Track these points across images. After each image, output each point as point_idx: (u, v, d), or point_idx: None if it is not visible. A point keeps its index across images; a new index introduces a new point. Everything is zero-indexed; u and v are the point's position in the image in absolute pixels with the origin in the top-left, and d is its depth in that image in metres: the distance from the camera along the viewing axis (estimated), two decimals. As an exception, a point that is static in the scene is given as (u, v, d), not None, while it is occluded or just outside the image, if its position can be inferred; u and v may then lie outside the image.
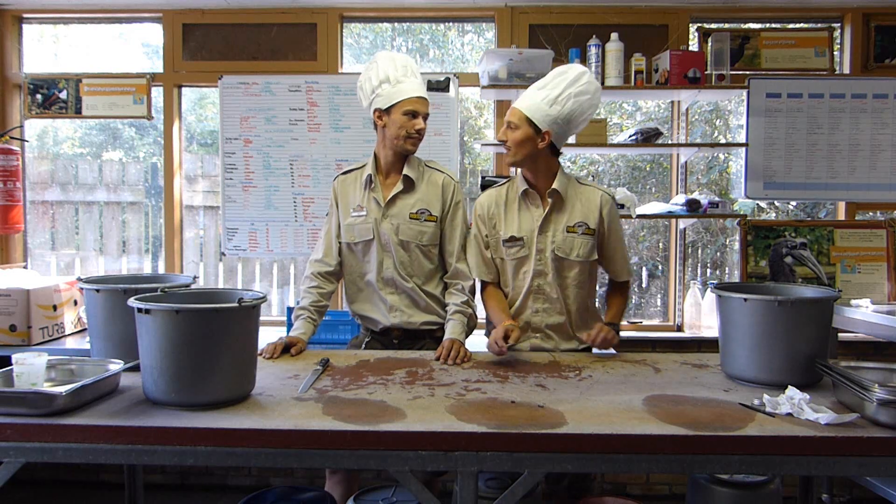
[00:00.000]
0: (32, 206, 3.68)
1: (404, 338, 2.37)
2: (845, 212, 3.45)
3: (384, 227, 2.29)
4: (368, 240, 2.31)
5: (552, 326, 2.28)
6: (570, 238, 2.22)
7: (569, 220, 2.23)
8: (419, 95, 2.23)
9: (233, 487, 3.39)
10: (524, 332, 2.27)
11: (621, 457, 1.44)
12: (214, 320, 1.56)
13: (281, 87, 3.37)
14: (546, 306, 2.27)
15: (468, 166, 4.20)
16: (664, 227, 3.75)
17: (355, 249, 2.35)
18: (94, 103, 3.45)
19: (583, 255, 2.23)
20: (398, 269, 2.30)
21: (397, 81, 2.20)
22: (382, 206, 2.30)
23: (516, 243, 2.25)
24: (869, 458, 1.43)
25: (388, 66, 2.21)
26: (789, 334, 1.77)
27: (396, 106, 2.21)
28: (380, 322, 2.35)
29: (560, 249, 2.22)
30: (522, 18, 3.38)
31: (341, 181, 2.41)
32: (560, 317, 2.27)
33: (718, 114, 4.63)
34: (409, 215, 2.29)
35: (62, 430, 1.45)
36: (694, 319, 3.33)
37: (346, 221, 2.34)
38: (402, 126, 2.21)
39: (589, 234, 2.23)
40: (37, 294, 2.77)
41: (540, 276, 2.25)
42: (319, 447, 1.45)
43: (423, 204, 2.30)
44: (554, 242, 2.22)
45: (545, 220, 2.23)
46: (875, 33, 3.38)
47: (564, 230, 2.22)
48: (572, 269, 2.25)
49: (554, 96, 2.13)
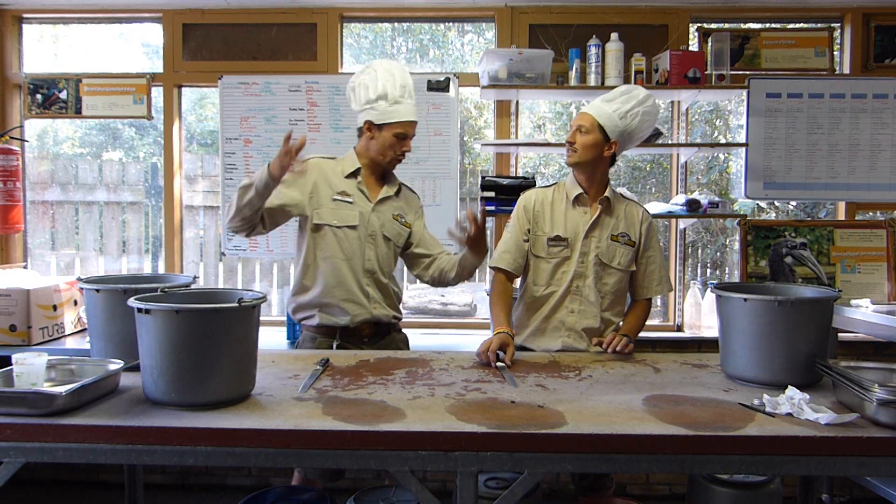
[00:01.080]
0: (32, 206, 3.68)
1: (375, 333, 2.37)
2: (845, 212, 3.45)
3: (373, 220, 2.33)
4: (353, 225, 2.31)
5: (587, 329, 2.31)
6: (614, 246, 2.30)
7: (614, 229, 2.32)
8: (412, 119, 2.29)
9: (233, 487, 3.39)
10: (557, 331, 2.32)
11: (621, 457, 1.44)
12: (214, 320, 1.56)
13: (281, 87, 3.37)
14: (583, 308, 2.30)
15: (468, 166, 4.20)
16: (664, 227, 3.75)
17: (338, 234, 2.30)
18: (94, 103, 3.45)
19: (623, 264, 2.31)
20: (379, 261, 2.35)
21: (395, 101, 2.24)
22: (373, 201, 2.34)
23: (560, 243, 2.30)
24: (869, 458, 1.43)
25: (388, 81, 2.23)
26: (789, 334, 1.77)
27: (389, 126, 2.26)
28: (351, 314, 2.30)
29: (604, 255, 2.30)
30: (522, 18, 3.38)
31: (317, 162, 2.35)
32: (595, 321, 2.30)
33: (718, 114, 4.63)
34: (392, 216, 2.39)
35: (62, 430, 1.45)
36: (694, 319, 3.33)
37: (329, 205, 2.31)
38: (392, 146, 2.28)
39: (630, 245, 2.32)
40: (37, 294, 2.77)
41: (580, 279, 2.29)
42: (319, 447, 1.44)
43: (402, 210, 2.43)
44: (598, 248, 2.29)
45: (593, 224, 2.30)
46: (875, 33, 3.38)
47: (609, 238, 2.31)
48: (611, 276, 2.31)
49: (625, 110, 2.23)
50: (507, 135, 3.42)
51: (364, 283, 2.32)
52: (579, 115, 2.29)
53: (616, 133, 2.24)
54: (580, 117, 2.27)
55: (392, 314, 2.41)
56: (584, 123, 2.24)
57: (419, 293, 4.00)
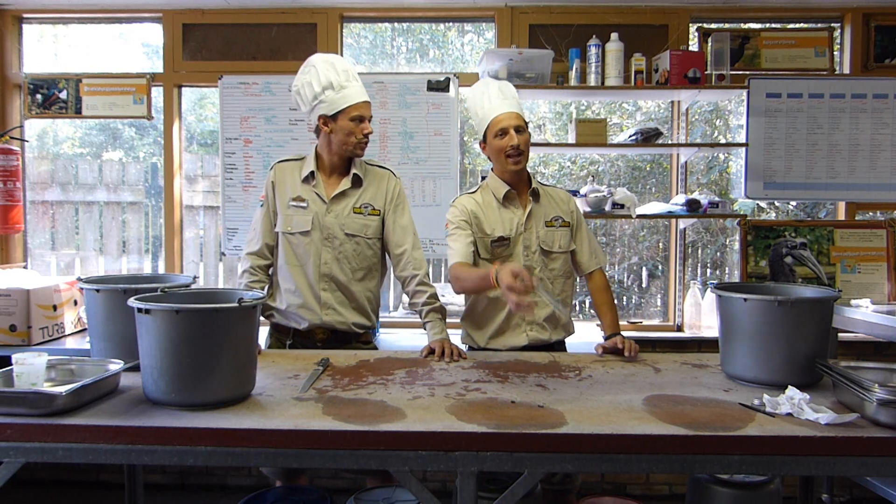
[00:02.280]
0: (32, 206, 3.68)
1: (331, 339, 2.34)
2: (845, 212, 3.45)
3: (328, 221, 2.29)
4: (306, 231, 2.29)
5: (547, 318, 2.34)
6: (551, 232, 2.36)
7: (546, 215, 2.37)
8: (364, 100, 2.24)
9: (233, 487, 3.39)
10: (518, 328, 2.33)
11: (621, 457, 1.44)
12: (214, 320, 1.56)
13: (281, 87, 3.36)
14: (539, 299, 2.31)
15: (468, 166, 4.20)
16: (664, 227, 3.75)
17: (291, 241, 2.31)
18: (94, 103, 3.45)
19: (563, 245, 2.38)
20: (340, 264, 2.30)
21: (341, 87, 2.20)
22: (327, 201, 2.30)
23: (503, 243, 2.32)
24: (869, 458, 1.43)
25: (329, 71, 2.20)
26: (789, 334, 1.77)
27: (343, 112, 2.21)
28: (306, 320, 2.30)
29: (545, 243, 2.34)
30: (522, 18, 3.38)
31: (280, 168, 2.38)
32: (550, 308, 2.32)
33: (718, 114, 4.63)
34: (352, 209, 2.31)
35: (62, 430, 1.45)
36: (694, 319, 3.33)
37: (285, 211, 2.32)
38: (352, 132, 2.23)
39: (565, 226, 2.39)
40: (37, 294, 2.77)
41: (529, 272, 2.25)
42: (319, 447, 1.45)
43: (366, 198, 2.34)
44: (539, 237, 2.33)
45: (528, 217, 2.33)
46: (875, 33, 3.38)
47: (544, 225, 2.36)
48: (556, 260, 2.37)
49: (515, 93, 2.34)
50: (507, 135, 3.41)
51: (319, 287, 2.29)
52: (507, 117, 2.24)
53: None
54: (511, 118, 2.24)
55: (352, 322, 2.31)
56: (521, 123, 2.26)
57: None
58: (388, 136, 3.36)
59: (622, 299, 4.39)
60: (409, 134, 3.36)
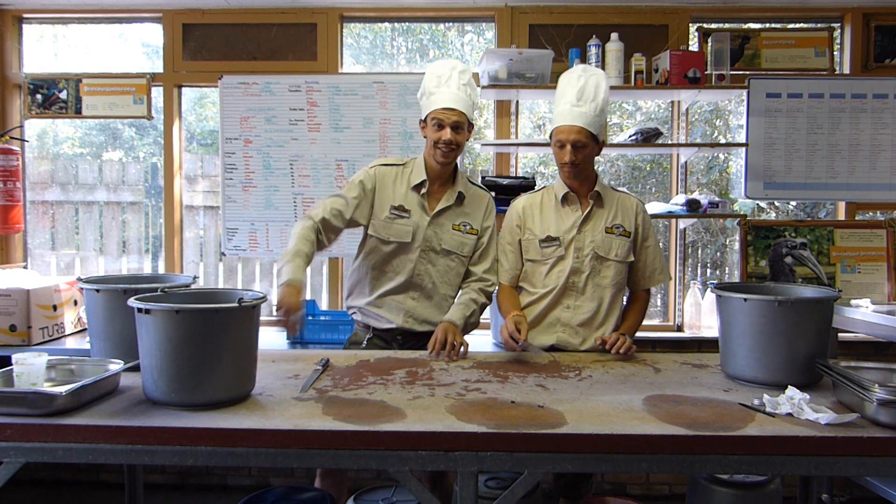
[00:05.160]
0: (32, 206, 3.68)
1: (408, 338, 2.36)
2: (845, 212, 3.45)
3: (428, 234, 2.29)
4: (405, 242, 2.29)
5: (582, 323, 2.30)
6: (609, 238, 2.28)
7: (607, 221, 2.29)
8: (446, 106, 2.19)
9: (233, 487, 3.39)
10: (552, 327, 2.31)
11: (621, 457, 1.44)
12: (214, 320, 1.56)
13: (281, 87, 3.37)
14: (578, 303, 2.29)
15: (468, 166, 4.20)
16: (664, 227, 3.75)
17: (384, 248, 2.31)
18: (94, 103, 3.45)
19: (620, 255, 2.29)
20: (433, 276, 2.31)
21: (430, 93, 2.23)
22: (430, 215, 2.29)
23: (553, 243, 2.29)
24: (869, 458, 1.43)
25: (428, 78, 2.25)
26: (789, 334, 1.77)
27: (428, 117, 2.25)
28: (389, 322, 2.33)
29: (600, 248, 2.27)
30: (522, 18, 3.37)
31: (381, 173, 2.33)
32: (590, 315, 2.29)
33: (718, 114, 4.63)
34: (451, 226, 2.32)
35: (62, 430, 1.45)
36: (694, 319, 3.33)
37: (383, 216, 2.30)
38: (431, 137, 2.24)
39: (625, 235, 2.30)
40: (37, 294, 2.77)
41: (576, 274, 2.28)
42: (319, 447, 1.45)
43: (466, 217, 2.35)
44: (593, 241, 2.27)
45: (585, 219, 2.28)
46: (875, 33, 3.38)
47: (603, 230, 2.28)
48: (609, 269, 2.29)
49: (599, 102, 2.16)
50: (507, 135, 3.42)
51: (407, 296, 2.31)
52: (569, 130, 2.15)
53: (599, 129, 2.20)
54: (573, 132, 2.15)
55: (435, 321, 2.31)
56: (581, 139, 2.15)
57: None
58: (388, 136, 3.36)
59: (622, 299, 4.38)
60: (409, 134, 3.36)
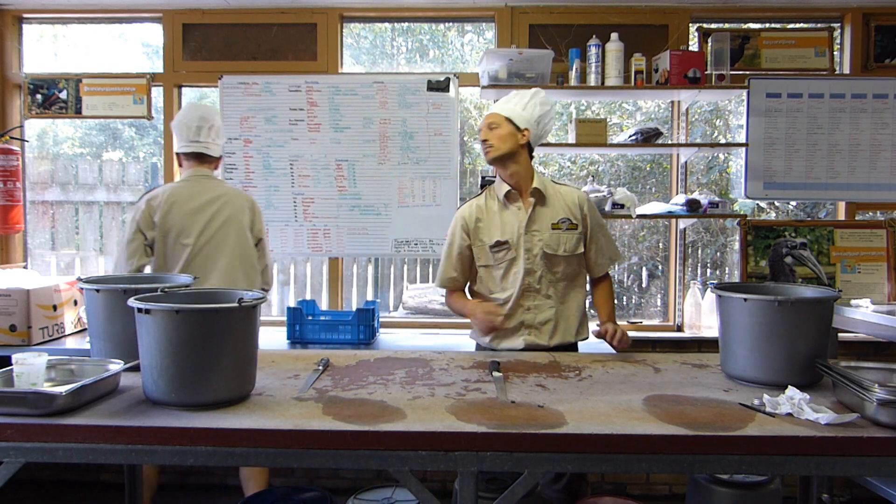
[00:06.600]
0: (32, 206, 3.68)
1: None
2: (845, 212, 3.45)
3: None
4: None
5: (544, 322, 2.32)
6: (556, 234, 2.31)
7: (552, 217, 2.31)
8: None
9: (233, 487, 3.38)
10: (517, 331, 2.32)
11: (621, 457, 1.44)
12: (214, 320, 1.56)
13: (281, 87, 3.37)
14: (538, 303, 2.31)
15: (468, 166, 4.20)
16: (664, 227, 3.75)
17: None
18: (94, 103, 3.45)
19: (569, 249, 2.32)
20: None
21: None
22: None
23: (503, 247, 2.31)
24: (869, 458, 1.43)
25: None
26: (789, 334, 1.77)
27: None
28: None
29: (548, 246, 2.30)
30: (522, 18, 3.38)
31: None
32: (551, 312, 2.32)
33: (718, 114, 4.63)
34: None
35: (62, 430, 1.45)
36: (694, 319, 3.34)
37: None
38: None
39: (573, 228, 2.32)
40: (37, 294, 2.77)
41: (530, 275, 2.30)
42: (319, 447, 1.44)
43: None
44: (542, 240, 2.30)
45: (530, 219, 2.31)
46: (875, 33, 3.38)
47: (549, 227, 2.30)
48: (560, 264, 2.32)
49: (524, 103, 2.31)
50: (507, 135, 3.41)
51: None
52: (486, 116, 2.34)
53: (524, 122, 2.28)
54: (487, 117, 2.33)
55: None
56: (494, 120, 2.30)
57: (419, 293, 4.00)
58: (388, 136, 3.36)
59: (622, 299, 4.39)
60: (409, 134, 3.36)
